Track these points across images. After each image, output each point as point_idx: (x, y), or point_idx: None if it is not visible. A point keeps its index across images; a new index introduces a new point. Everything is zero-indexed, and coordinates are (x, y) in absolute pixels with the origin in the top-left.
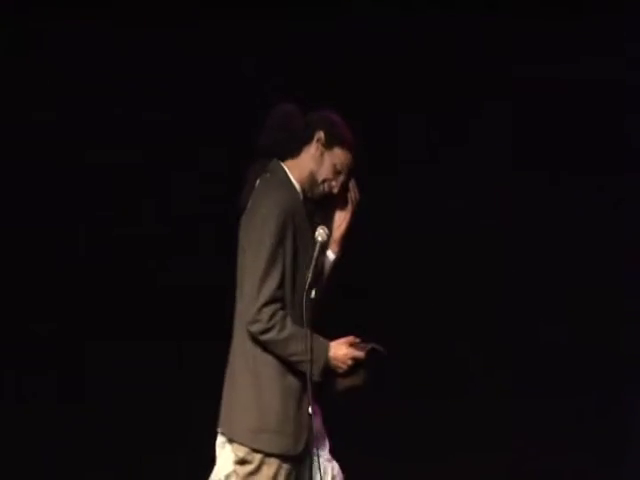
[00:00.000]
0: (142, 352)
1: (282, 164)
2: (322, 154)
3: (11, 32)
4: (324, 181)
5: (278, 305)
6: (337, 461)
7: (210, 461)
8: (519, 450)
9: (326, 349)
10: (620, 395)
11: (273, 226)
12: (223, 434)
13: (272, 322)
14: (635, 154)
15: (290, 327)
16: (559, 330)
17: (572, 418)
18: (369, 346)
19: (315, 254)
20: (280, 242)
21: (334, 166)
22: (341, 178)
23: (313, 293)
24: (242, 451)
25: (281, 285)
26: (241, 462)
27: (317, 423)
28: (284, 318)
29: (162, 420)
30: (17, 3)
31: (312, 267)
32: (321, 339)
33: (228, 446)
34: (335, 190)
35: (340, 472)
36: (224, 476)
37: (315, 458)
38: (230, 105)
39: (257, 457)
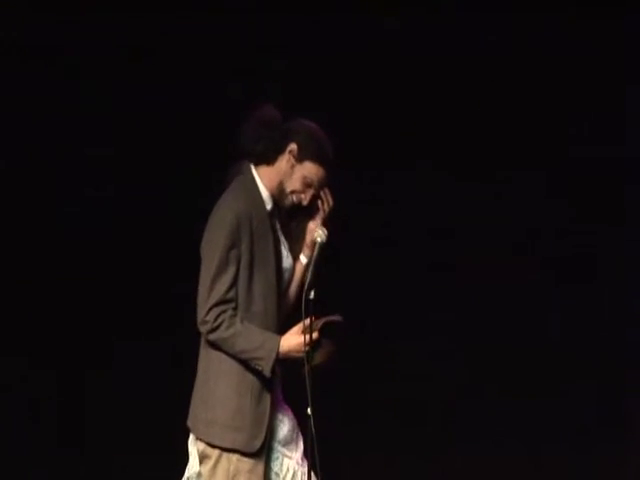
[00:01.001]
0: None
1: (253, 168)
2: (293, 166)
3: None
4: (292, 192)
5: (227, 306)
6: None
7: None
8: (520, 451)
9: (276, 344)
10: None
11: (225, 230)
12: (189, 429)
13: (218, 321)
14: None
15: (237, 326)
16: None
17: (573, 419)
18: (321, 322)
19: (314, 255)
20: (233, 246)
21: (304, 179)
22: (311, 191)
23: (312, 294)
24: (201, 445)
25: (232, 288)
26: (202, 458)
27: (288, 424)
28: (232, 317)
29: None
30: None
31: (311, 268)
32: (271, 335)
33: (196, 442)
34: (305, 202)
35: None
36: (194, 473)
37: (279, 456)
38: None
39: (215, 452)
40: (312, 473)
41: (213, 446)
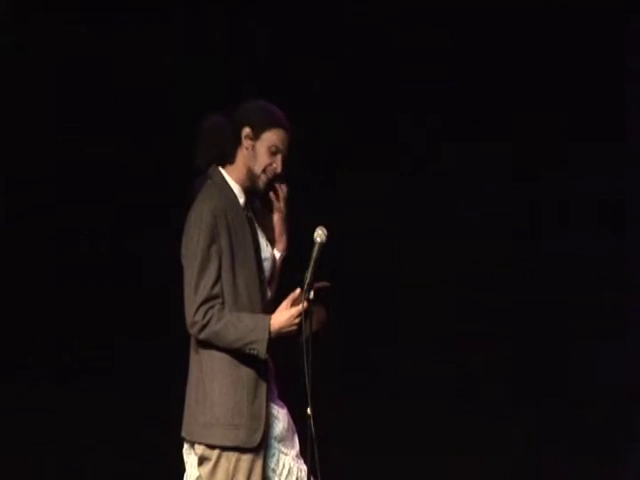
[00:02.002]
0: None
1: (219, 169)
2: (253, 147)
3: None
4: (264, 169)
5: (214, 302)
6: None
7: None
8: (520, 452)
9: (267, 324)
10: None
11: (203, 228)
12: (184, 438)
13: (207, 318)
14: None
15: (227, 316)
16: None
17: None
18: (308, 294)
19: (314, 255)
20: (212, 243)
21: (268, 149)
22: (279, 157)
23: (312, 294)
24: (200, 449)
25: (217, 283)
26: (201, 461)
27: (283, 420)
28: (220, 311)
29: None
30: None
31: (311, 268)
32: (261, 316)
33: (192, 450)
34: (279, 170)
35: (306, 476)
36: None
37: (275, 452)
38: None
39: (214, 453)
40: (311, 474)
41: (213, 447)
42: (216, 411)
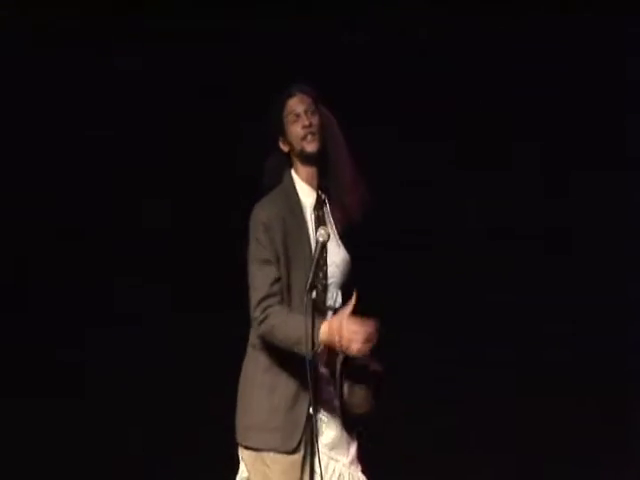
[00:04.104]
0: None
1: (291, 171)
2: (286, 141)
3: None
4: (298, 138)
5: (273, 300)
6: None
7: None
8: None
9: (320, 327)
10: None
11: (260, 229)
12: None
13: (265, 313)
14: None
15: (284, 315)
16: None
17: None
18: (310, 293)
19: (316, 255)
20: (270, 242)
21: (290, 122)
22: (301, 119)
23: (314, 294)
24: (241, 450)
25: (276, 281)
26: (244, 464)
27: (336, 428)
28: (278, 307)
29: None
30: None
31: (313, 268)
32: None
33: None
34: (306, 123)
35: None
36: (244, 479)
37: (324, 458)
38: None
39: (251, 455)
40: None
41: (249, 449)
42: (254, 415)
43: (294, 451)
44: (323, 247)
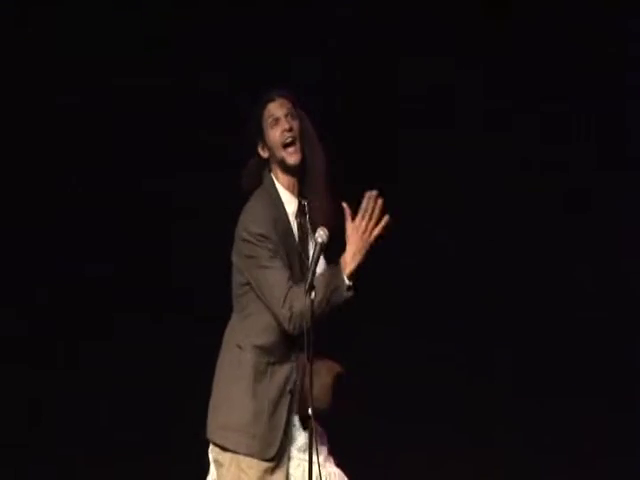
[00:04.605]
0: None
1: (271, 175)
2: (266, 147)
3: None
4: (280, 146)
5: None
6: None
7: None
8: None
9: (339, 269)
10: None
11: (255, 247)
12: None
13: (291, 311)
14: None
15: (300, 291)
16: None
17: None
18: (309, 294)
19: (315, 255)
20: (269, 241)
21: (269, 126)
22: (281, 122)
23: (313, 294)
24: (215, 452)
25: (289, 278)
26: (215, 464)
27: (305, 430)
28: (293, 292)
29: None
30: None
31: (312, 268)
32: (330, 268)
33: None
34: (286, 126)
35: (339, 478)
36: None
37: (300, 463)
38: None
39: (227, 456)
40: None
41: (226, 450)
42: (235, 415)
43: (272, 459)
44: (322, 248)
